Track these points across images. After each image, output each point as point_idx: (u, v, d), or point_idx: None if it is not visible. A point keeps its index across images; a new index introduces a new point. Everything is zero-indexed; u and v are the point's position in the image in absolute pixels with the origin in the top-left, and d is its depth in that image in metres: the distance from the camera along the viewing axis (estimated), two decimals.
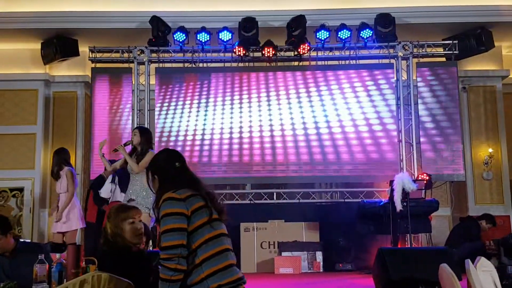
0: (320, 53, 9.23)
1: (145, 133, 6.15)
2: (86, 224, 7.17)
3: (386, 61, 9.21)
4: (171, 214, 2.57)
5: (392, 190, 7.77)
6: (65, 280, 3.23)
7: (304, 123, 9.06)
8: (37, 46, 9.34)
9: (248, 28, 8.72)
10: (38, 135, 9.47)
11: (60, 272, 3.29)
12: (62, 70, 9.73)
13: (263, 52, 9.00)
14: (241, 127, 8.97)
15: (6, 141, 9.40)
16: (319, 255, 8.49)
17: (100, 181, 7.42)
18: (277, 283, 7.10)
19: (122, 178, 7.02)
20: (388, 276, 5.76)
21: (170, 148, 5.06)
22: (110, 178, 7.36)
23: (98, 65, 9.20)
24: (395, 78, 9.14)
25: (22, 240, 4.53)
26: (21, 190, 9.40)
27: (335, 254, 8.63)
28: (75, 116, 9.73)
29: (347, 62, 9.30)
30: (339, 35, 8.91)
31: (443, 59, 9.39)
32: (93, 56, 9.15)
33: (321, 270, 8.40)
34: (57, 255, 3.50)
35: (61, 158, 6.98)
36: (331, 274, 8.13)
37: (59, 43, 9.08)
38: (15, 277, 3.70)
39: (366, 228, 8.41)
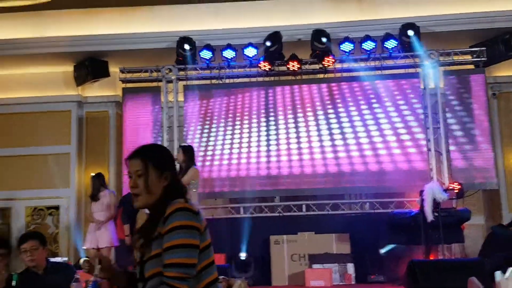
0: (345, 65, 9.27)
1: (188, 151, 6.35)
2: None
3: (412, 70, 9.17)
4: (187, 227, 2.09)
5: (422, 200, 7.72)
6: None
7: (331, 134, 9.09)
8: (69, 68, 9.68)
9: (272, 43, 8.85)
10: (72, 154, 9.76)
11: None
12: (94, 91, 10.04)
13: (288, 66, 9.11)
14: (268, 140, 9.07)
15: (42, 161, 9.71)
16: (350, 267, 8.44)
17: (129, 199, 7.63)
18: None
19: None
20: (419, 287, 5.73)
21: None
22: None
23: (128, 85, 9.47)
24: (422, 87, 9.09)
25: (51, 259, 4.67)
26: (57, 208, 9.69)
27: (366, 265, 8.57)
28: (107, 135, 10.00)
29: (372, 73, 9.30)
30: (363, 47, 8.95)
31: (471, 66, 9.29)
32: (123, 76, 9.42)
33: (353, 282, 8.34)
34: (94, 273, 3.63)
35: (101, 181, 7.29)
36: (363, 286, 8.08)
37: (90, 65, 9.39)
38: None
39: (398, 239, 8.34)
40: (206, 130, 9.20)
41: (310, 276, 8.17)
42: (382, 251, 8.39)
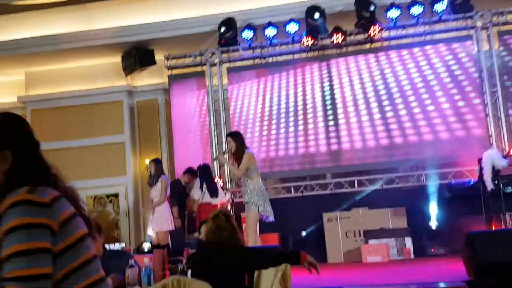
0: (392, 33, 8.90)
1: (237, 137, 6.27)
2: None
3: (464, 33, 8.67)
4: (27, 227, 1.46)
5: (481, 169, 7.36)
6: (153, 282, 3.42)
7: (381, 106, 8.80)
8: (117, 59, 9.90)
9: (314, 16, 8.62)
10: (126, 143, 10.05)
11: (149, 275, 3.49)
12: (143, 79, 10.24)
13: (332, 39, 8.85)
14: (315, 117, 8.90)
15: (99, 152, 10.06)
16: (408, 241, 8.22)
17: (176, 182, 7.91)
18: (367, 272, 6.98)
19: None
20: (479, 260, 5.45)
21: None
22: (198, 183, 7.91)
23: (174, 71, 9.56)
24: (476, 50, 8.58)
25: (107, 248, 4.81)
26: (116, 196, 10.04)
27: (425, 239, 8.32)
28: (158, 122, 10.21)
29: (422, 38, 8.88)
30: (411, 12, 8.54)
31: None
32: (168, 63, 9.52)
33: (412, 257, 8.13)
34: (145, 259, 3.72)
35: (160, 167, 7.51)
36: (422, 259, 7.85)
37: (137, 54, 9.56)
38: None
39: (457, 210, 8.02)
40: (252, 111, 9.16)
41: (367, 252, 8.04)
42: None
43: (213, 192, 7.96)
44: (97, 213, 9.91)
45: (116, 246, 8.32)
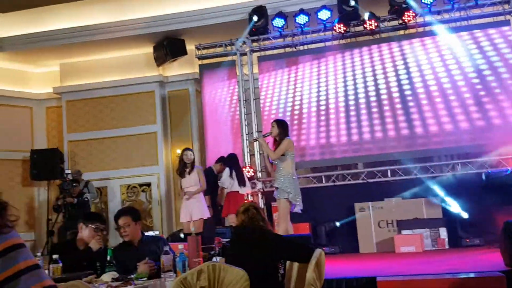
0: (427, 19, 8.69)
1: (282, 124, 6.45)
2: None
3: (501, 18, 8.40)
4: None
5: None
6: (188, 268, 3.46)
7: (414, 94, 8.62)
8: (149, 50, 9.99)
9: (346, 2, 8.49)
10: (158, 133, 10.15)
11: (183, 261, 3.54)
12: (174, 70, 10.30)
13: (365, 25, 8.71)
14: (347, 106, 8.79)
15: (132, 142, 10.20)
16: (443, 232, 8.06)
17: (208, 172, 7.99)
18: (400, 262, 6.89)
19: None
20: None
21: None
22: (227, 171, 8.01)
23: (205, 61, 9.58)
24: None
25: (146, 233, 4.88)
26: (148, 185, 10.17)
27: (461, 229, 8.14)
28: (189, 112, 10.27)
29: (457, 24, 8.64)
30: None
31: None
32: (199, 53, 9.55)
33: (447, 247, 7.98)
34: (180, 246, 3.76)
35: (193, 157, 7.71)
36: (457, 250, 7.69)
37: (168, 44, 9.62)
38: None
39: (493, 199, 7.82)
40: (282, 100, 9.11)
41: (400, 242, 7.92)
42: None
43: (241, 182, 8.01)
44: (130, 202, 10.06)
45: (151, 233, 8.43)
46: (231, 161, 8.22)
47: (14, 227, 1.35)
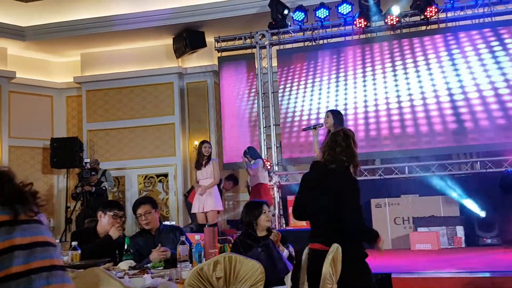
0: (449, 14, 8.59)
1: (338, 115, 6.24)
2: None
3: None
4: None
5: None
6: (204, 259, 3.50)
7: (435, 90, 8.53)
8: (169, 41, 10.03)
9: None
10: (176, 124, 10.21)
11: (199, 252, 3.58)
12: (193, 61, 10.34)
13: (386, 20, 8.63)
14: (365, 101, 8.74)
15: (150, 132, 10.28)
16: (459, 230, 8.00)
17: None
18: (415, 259, 6.86)
19: None
20: None
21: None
22: (261, 164, 8.19)
23: (224, 53, 9.60)
24: None
25: (164, 222, 4.95)
26: (165, 175, 10.25)
27: (478, 228, 8.06)
28: (207, 104, 10.31)
29: (481, 20, 8.52)
30: None
31: None
32: (218, 45, 9.56)
33: (463, 245, 7.91)
34: (196, 237, 3.80)
35: (210, 149, 7.76)
36: (474, 249, 7.63)
37: (188, 36, 9.65)
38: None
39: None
40: (300, 94, 9.08)
41: (416, 239, 7.88)
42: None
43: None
44: (147, 192, 10.16)
45: (167, 223, 8.53)
46: (256, 153, 8.28)
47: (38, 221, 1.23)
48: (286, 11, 8.93)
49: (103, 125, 10.44)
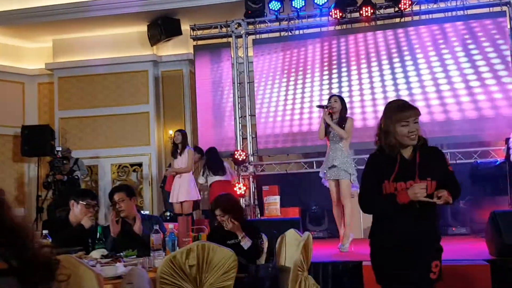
0: (423, 7, 8.69)
1: (343, 100, 6.26)
2: None
3: (497, 9, 8.41)
4: None
5: (508, 149, 7.21)
6: (177, 248, 3.51)
7: (408, 82, 8.64)
8: (144, 28, 9.91)
9: None
10: (151, 113, 10.12)
11: (173, 241, 3.58)
12: (168, 49, 10.24)
13: (361, 12, 8.69)
14: (340, 93, 8.79)
15: (124, 121, 10.18)
16: None
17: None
18: None
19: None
20: (502, 240, 5.40)
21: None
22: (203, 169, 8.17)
23: (200, 42, 9.52)
24: (509, 27, 8.33)
25: (142, 212, 4.92)
26: (140, 165, 10.17)
27: (448, 217, 8.22)
28: (182, 93, 10.24)
29: (453, 13, 8.65)
30: None
31: None
32: (194, 34, 9.48)
33: None
34: (170, 225, 3.80)
35: (186, 138, 7.78)
36: (444, 238, 7.73)
37: (163, 24, 9.54)
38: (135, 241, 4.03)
39: (481, 190, 7.91)
40: (276, 84, 9.10)
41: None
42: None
43: (219, 171, 8.08)
44: (121, 182, 10.06)
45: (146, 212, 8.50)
46: (206, 157, 8.29)
47: None
48: (261, 1, 8.91)
49: (75, 112, 10.28)
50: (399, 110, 2.91)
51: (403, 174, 2.78)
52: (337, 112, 6.09)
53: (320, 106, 6.46)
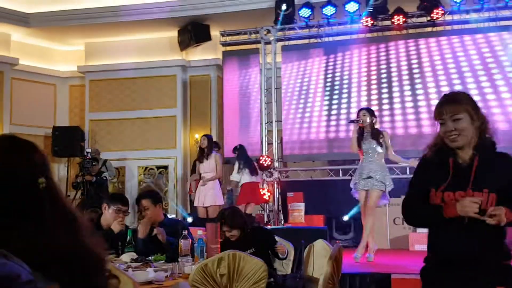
0: (455, 17, 8.58)
1: (373, 113, 6.29)
2: None
3: None
4: None
5: None
6: (205, 254, 3.52)
7: (438, 92, 8.52)
8: (174, 33, 10.00)
9: None
10: (178, 117, 10.21)
11: (202, 247, 3.59)
12: (197, 55, 10.32)
13: (393, 20, 8.62)
14: (369, 101, 8.74)
15: (152, 124, 10.28)
16: None
17: None
18: (414, 260, 6.87)
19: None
20: None
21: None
22: (237, 166, 8.15)
23: (229, 48, 9.57)
24: None
25: (168, 215, 4.95)
26: (165, 168, 10.25)
27: None
28: (209, 98, 10.30)
29: (486, 24, 8.51)
30: None
31: None
32: (223, 39, 9.53)
33: None
34: (199, 231, 3.81)
35: (212, 143, 7.87)
36: None
37: (193, 29, 9.63)
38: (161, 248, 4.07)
39: None
40: (304, 91, 9.08)
41: (414, 240, 7.89)
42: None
43: (254, 171, 8.07)
44: (146, 184, 10.17)
45: (172, 215, 8.57)
46: (241, 153, 8.27)
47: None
48: (291, 9, 8.90)
49: (105, 115, 10.44)
50: (436, 106, 2.46)
51: (453, 183, 2.31)
52: (367, 126, 6.10)
53: (351, 121, 6.50)
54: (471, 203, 2.20)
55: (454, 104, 2.34)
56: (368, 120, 6.10)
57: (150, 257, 3.68)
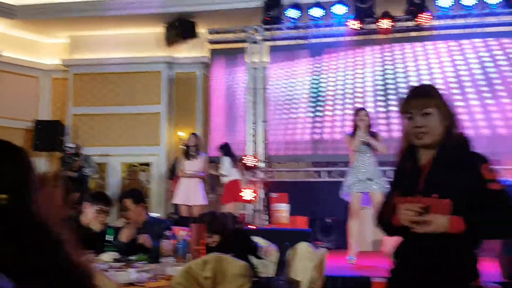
0: (442, 22, 8.64)
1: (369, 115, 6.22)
2: None
3: None
4: None
5: None
6: (189, 255, 3.47)
7: None
8: (160, 29, 9.90)
9: None
10: (162, 114, 10.13)
11: (185, 248, 3.54)
12: (183, 51, 10.24)
13: (379, 23, 8.65)
14: (354, 103, 8.76)
15: (135, 120, 10.18)
16: None
17: None
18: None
19: None
20: None
21: None
22: (228, 160, 8.20)
23: (216, 46, 9.51)
24: None
25: (150, 215, 4.88)
26: (148, 165, 10.16)
27: None
28: (195, 96, 10.23)
29: (472, 30, 8.59)
30: (462, 2, 8.27)
31: None
32: (211, 37, 9.47)
33: None
34: (182, 232, 3.76)
35: (199, 142, 7.86)
36: None
37: (180, 26, 9.54)
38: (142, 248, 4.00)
39: None
40: (290, 92, 9.08)
41: (390, 243, 7.92)
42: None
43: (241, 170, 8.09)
44: (129, 181, 10.07)
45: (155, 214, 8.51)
46: (228, 150, 8.24)
47: None
48: (280, 8, 8.88)
49: (88, 109, 10.31)
50: (403, 99, 2.15)
51: (407, 187, 2.06)
52: (366, 127, 5.98)
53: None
54: (405, 210, 1.94)
55: (423, 97, 2.06)
56: (367, 120, 6.05)
57: (132, 257, 3.63)
